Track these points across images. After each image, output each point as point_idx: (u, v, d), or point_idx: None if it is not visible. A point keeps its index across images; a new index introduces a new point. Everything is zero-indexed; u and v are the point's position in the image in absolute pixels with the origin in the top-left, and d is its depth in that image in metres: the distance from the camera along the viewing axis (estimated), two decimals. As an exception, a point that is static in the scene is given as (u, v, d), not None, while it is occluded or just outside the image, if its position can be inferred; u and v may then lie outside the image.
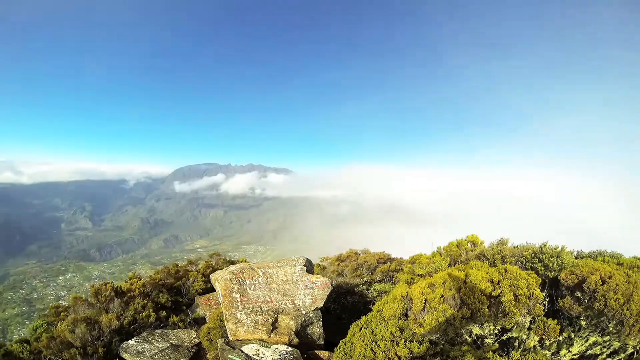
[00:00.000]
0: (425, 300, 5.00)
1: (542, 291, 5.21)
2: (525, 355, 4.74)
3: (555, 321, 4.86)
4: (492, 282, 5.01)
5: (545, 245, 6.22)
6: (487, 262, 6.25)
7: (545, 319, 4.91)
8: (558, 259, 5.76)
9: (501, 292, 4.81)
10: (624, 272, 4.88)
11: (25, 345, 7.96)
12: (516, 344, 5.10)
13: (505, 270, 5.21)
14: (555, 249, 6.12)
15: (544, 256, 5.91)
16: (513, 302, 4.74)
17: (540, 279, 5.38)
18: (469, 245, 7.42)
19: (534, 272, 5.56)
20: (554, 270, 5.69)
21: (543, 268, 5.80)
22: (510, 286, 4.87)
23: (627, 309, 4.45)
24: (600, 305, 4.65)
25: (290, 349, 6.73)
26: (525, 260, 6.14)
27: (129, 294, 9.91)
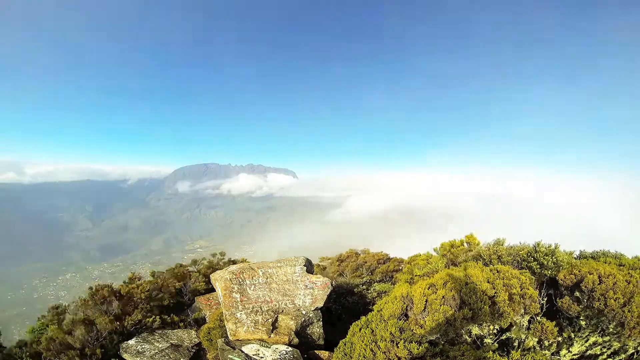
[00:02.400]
0: (427, 301, 5.00)
1: (540, 291, 5.21)
2: (525, 355, 4.74)
3: (554, 322, 4.86)
4: (488, 282, 5.02)
5: (539, 244, 6.25)
6: (481, 262, 6.25)
7: (543, 320, 4.91)
8: (552, 257, 5.78)
9: (496, 292, 4.82)
10: (626, 273, 4.88)
11: (23, 348, 7.96)
12: (516, 344, 5.10)
13: (498, 271, 5.22)
14: (549, 247, 6.13)
15: (538, 255, 5.93)
16: (507, 301, 4.74)
17: (534, 278, 5.38)
18: (465, 245, 7.41)
19: (528, 271, 5.58)
20: (550, 269, 5.70)
21: (539, 267, 5.82)
22: (504, 286, 4.88)
23: (628, 310, 4.43)
24: (600, 304, 4.64)
25: (290, 349, 6.72)
26: (521, 259, 6.15)
27: (128, 295, 9.89)
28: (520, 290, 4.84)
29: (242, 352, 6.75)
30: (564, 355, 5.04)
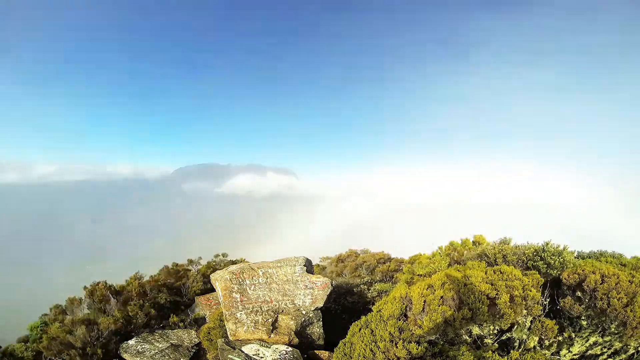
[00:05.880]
0: (425, 301, 4.99)
1: (544, 291, 5.20)
2: (524, 355, 4.73)
3: (554, 321, 4.84)
4: (489, 282, 5.00)
5: (548, 244, 6.23)
6: (483, 262, 6.23)
7: (543, 318, 4.90)
8: (560, 257, 5.77)
9: (497, 293, 4.80)
10: (628, 272, 4.87)
11: (25, 345, 7.98)
12: (516, 344, 5.09)
13: (501, 272, 5.20)
14: (557, 247, 6.12)
15: (546, 254, 5.91)
16: (508, 303, 4.73)
17: (543, 279, 5.36)
18: (473, 245, 7.40)
19: (536, 271, 5.55)
20: (556, 269, 5.69)
21: (545, 266, 5.80)
22: (506, 287, 4.86)
23: (631, 310, 4.43)
24: (602, 304, 4.63)
25: (290, 349, 6.73)
26: (527, 259, 6.13)
27: (126, 294, 9.89)
28: (523, 292, 4.82)
29: (242, 352, 6.76)
30: (564, 355, 5.03)
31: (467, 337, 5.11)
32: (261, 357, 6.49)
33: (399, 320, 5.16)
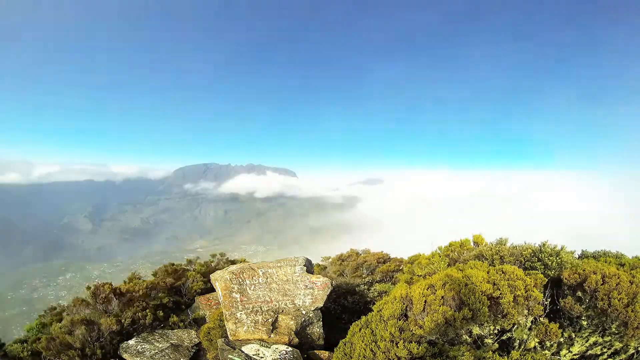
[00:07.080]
0: (425, 301, 4.98)
1: (544, 291, 5.19)
2: (525, 355, 4.73)
3: (557, 325, 4.84)
4: (491, 282, 4.99)
5: (544, 244, 6.21)
6: (486, 262, 6.22)
7: (546, 321, 4.89)
8: (557, 258, 5.75)
9: (501, 293, 4.79)
10: (628, 272, 4.86)
11: (24, 345, 7.95)
12: (516, 344, 5.08)
13: (503, 272, 5.19)
14: (554, 248, 6.11)
15: (543, 255, 5.89)
16: (511, 303, 4.72)
17: (545, 279, 5.35)
18: (472, 245, 7.39)
19: (537, 271, 5.53)
20: (554, 269, 5.68)
21: (543, 267, 5.79)
22: (509, 287, 4.86)
23: (632, 310, 4.43)
24: (603, 304, 4.63)
25: (290, 349, 6.72)
26: (524, 259, 6.12)
27: (128, 295, 9.88)
28: (525, 292, 4.81)
29: (242, 352, 6.75)
30: (564, 355, 5.03)
31: (467, 337, 5.10)
32: (261, 357, 6.48)
33: (400, 320, 5.15)
